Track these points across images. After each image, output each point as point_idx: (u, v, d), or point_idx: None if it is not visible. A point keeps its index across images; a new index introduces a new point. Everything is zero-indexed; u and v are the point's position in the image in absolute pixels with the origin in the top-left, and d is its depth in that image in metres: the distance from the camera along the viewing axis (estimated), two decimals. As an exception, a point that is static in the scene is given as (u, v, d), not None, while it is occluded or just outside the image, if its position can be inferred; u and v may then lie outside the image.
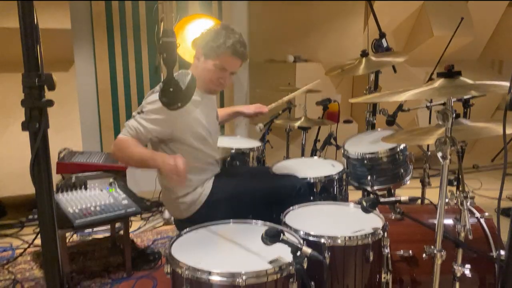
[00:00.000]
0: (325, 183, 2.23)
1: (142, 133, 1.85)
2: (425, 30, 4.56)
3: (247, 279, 1.28)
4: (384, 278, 1.68)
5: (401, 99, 1.48)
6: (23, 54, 1.09)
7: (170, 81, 1.40)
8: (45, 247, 1.20)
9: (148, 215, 3.37)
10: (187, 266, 1.34)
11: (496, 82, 1.43)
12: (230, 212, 1.76)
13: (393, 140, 1.99)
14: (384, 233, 1.64)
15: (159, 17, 3.11)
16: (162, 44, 1.34)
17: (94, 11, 3.65)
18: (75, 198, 2.38)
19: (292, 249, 1.33)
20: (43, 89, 1.12)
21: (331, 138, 3.10)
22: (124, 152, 1.84)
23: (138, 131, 1.85)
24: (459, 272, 1.52)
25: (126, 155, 1.84)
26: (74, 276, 2.44)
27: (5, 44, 2.86)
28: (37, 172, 1.14)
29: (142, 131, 1.85)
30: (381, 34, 2.91)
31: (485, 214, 1.91)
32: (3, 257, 2.70)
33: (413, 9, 4.60)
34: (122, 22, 3.74)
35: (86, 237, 2.97)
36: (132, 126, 1.86)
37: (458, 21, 3.52)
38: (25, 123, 1.12)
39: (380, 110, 2.82)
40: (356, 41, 4.33)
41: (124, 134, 1.86)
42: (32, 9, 1.07)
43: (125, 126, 1.88)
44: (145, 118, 1.86)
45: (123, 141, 1.84)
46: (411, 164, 2.51)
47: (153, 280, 2.41)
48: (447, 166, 1.39)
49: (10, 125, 3.10)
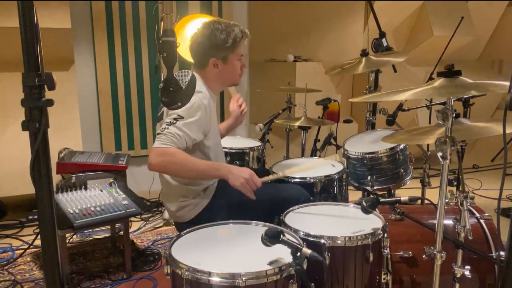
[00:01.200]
0: (325, 183, 2.23)
1: (185, 140, 1.82)
2: (425, 30, 4.57)
3: (247, 280, 1.28)
4: (384, 279, 1.68)
5: (401, 98, 1.48)
6: (23, 54, 1.09)
7: (170, 80, 1.40)
8: (45, 248, 1.20)
9: (148, 216, 3.37)
10: (187, 267, 1.33)
11: (496, 81, 1.43)
12: (231, 218, 1.75)
13: (393, 140, 1.99)
14: (384, 234, 1.64)
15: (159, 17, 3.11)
16: (162, 43, 1.34)
17: (94, 11, 3.65)
18: (75, 198, 2.38)
19: (292, 249, 1.33)
20: (43, 88, 1.12)
21: (331, 138, 3.10)
22: (182, 163, 1.79)
23: (181, 138, 1.80)
24: (459, 273, 1.52)
25: (187, 166, 1.80)
26: (74, 277, 2.43)
27: (5, 44, 2.86)
28: (37, 172, 1.14)
29: (184, 137, 1.81)
30: (381, 33, 2.91)
31: (485, 214, 1.91)
32: (3, 258, 2.69)
33: (413, 9, 4.60)
34: (122, 22, 3.74)
35: (86, 238, 2.97)
36: (177, 134, 1.79)
37: (458, 21, 3.52)
38: (25, 123, 1.11)
39: (380, 110, 2.82)
40: (356, 40, 4.34)
41: (167, 143, 1.78)
42: (32, 9, 1.07)
43: (165, 134, 1.80)
44: (185, 123, 1.81)
45: (175, 151, 1.78)
46: (411, 164, 2.51)
47: (153, 281, 2.41)
48: (447, 166, 1.39)
49: (10, 125, 3.10)
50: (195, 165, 1.83)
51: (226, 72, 2.02)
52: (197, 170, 1.85)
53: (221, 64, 1.99)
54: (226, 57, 1.99)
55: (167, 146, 1.78)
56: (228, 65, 2.00)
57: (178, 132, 1.80)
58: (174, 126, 1.81)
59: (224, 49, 1.96)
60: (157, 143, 1.80)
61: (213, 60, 1.98)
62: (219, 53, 1.97)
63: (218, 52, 1.97)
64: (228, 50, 1.96)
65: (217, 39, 1.94)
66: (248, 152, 2.78)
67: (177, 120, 1.82)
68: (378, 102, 2.93)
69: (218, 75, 2.02)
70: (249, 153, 2.79)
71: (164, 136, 1.79)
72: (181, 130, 1.80)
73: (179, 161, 1.79)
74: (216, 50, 1.96)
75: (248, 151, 2.79)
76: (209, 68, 2.01)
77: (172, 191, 2.03)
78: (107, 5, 3.67)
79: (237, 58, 2.02)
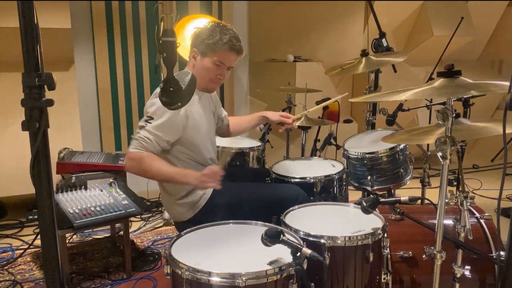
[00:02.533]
0: (325, 183, 2.23)
1: (156, 142, 1.83)
2: (425, 30, 4.57)
3: (247, 280, 1.28)
4: (384, 279, 1.68)
5: (401, 98, 1.48)
6: (23, 54, 1.09)
7: (170, 80, 1.40)
8: (45, 248, 1.20)
9: (148, 216, 3.37)
10: (187, 267, 1.34)
11: (496, 81, 1.43)
12: (229, 217, 1.76)
13: (393, 140, 1.99)
14: (384, 234, 1.64)
15: (159, 17, 3.11)
16: (162, 43, 1.34)
17: (94, 11, 3.64)
18: (75, 198, 2.38)
19: (292, 249, 1.33)
20: (43, 88, 1.12)
21: (331, 138, 3.10)
22: (147, 169, 1.81)
23: (152, 142, 1.82)
24: (459, 272, 1.52)
25: (151, 172, 1.82)
26: (74, 276, 2.43)
27: (5, 44, 2.87)
28: (37, 172, 1.14)
29: (155, 140, 1.82)
30: (381, 33, 2.91)
31: (485, 214, 1.91)
32: (3, 258, 2.69)
33: (413, 9, 4.60)
34: (122, 22, 3.74)
35: (86, 238, 2.97)
36: (146, 137, 1.82)
37: (458, 21, 3.53)
38: (25, 123, 1.11)
39: (380, 110, 2.82)
40: (356, 41, 4.34)
41: (138, 147, 1.81)
42: (32, 9, 1.07)
43: (136, 138, 1.82)
44: (155, 125, 1.83)
45: (142, 157, 1.80)
46: (411, 164, 2.51)
47: (153, 281, 2.41)
48: (447, 166, 1.39)
49: (10, 125, 3.10)
50: (160, 172, 1.84)
51: (199, 69, 1.98)
52: (162, 176, 1.87)
53: (198, 58, 1.99)
54: (205, 54, 1.97)
55: (136, 151, 1.81)
56: (203, 62, 1.98)
57: (149, 135, 1.82)
58: (145, 129, 1.83)
59: (205, 44, 1.95)
60: (129, 147, 1.84)
61: (194, 50, 2.00)
62: (199, 46, 1.97)
63: (199, 45, 1.97)
64: (209, 47, 1.95)
65: (204, 33, 1.97)
66: (248, 152, 2.78)
67: (148, 122, 1.84)
68: (378, 102, 2.93)
69: (194, 68, 2.00)
70: (249, 153, 2.79)
71: (136, 140, 1.83)
72: (151, 133, 1.82)
73: (145, 167, 1.82)
74: (199, 42, 1.97)
75: (248, 151, 2.79)
76: (191, 59, 2.03)
77: (169, 190, 2.03)
78: (107, 5, 3.67)
79: (215, 62, 1.96)
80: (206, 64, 1.97)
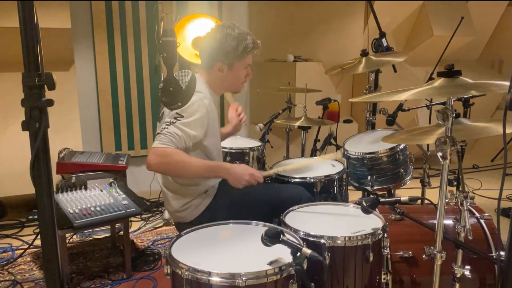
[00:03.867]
0: (325, 183, 2.23)
1: (183, 139, 1.81)
2: (425, 30, 4.57)
3: (247, 280, 1.28)
4: (384, 279, 1.67)
5: (401, 98, 1.48)
6: (23, 54, 1.09)
7: (170, 80, 1.40)
8: (45, 248, 1.19)
9: (148, 216, 3.37)
10: (187, 267, 1.33)
11: (496, 81, 1.43)
12: (232, 218, 1.75)
13: (393, 140, 1.99)
14: (384, 234, 1.64)
15: (159, 17, 3.11)
16: (162, 43, 1.34)
17: (94, 11, 3.64)
18: (75, 198, 2.38)
19: (292, 249, 1.33)
20: (43, 88, 1.12)
21: (331, 138, 3.10)
22: (178, 163, 1.79)
23: (181, 138, 1.80)
24: (459, 273, 1.52)
25: (183, 165, 1.80)
26: (74, 276, 2.43)
27: (5, 44, 2.87)
28: (37, 172, 1.14)
29: (184, 137, 1.80)
30: (381, 33, 2.91)
31: (485, 214, 1.91)
32: (3, 258, 2.69)
33: (413, 9, 4.60)
34: (122, 22, 3.74)
35: (86, 238, 2.97)
36: (175, 133, 1.79)
37: (458, 21, 3.52)
38: (25, 123, 1.11)
39: (380, 110, 2.82)
40: (356, 40, 4.34)
41: (166, 143, 1.78)
42: (32, 9, 1.07)
43: (164, 134, 1.79)
44: (185, 122, 1.81)
45: (171, 152, 1.77)
46: (411, 164, 2.51)
47: (153, 281, 2.41)
48: (447, 166, 1.39)
49: (10, 125, 3.10)
50: (192, 166, 1.83)
51: (230, 79, 2.02)
52: (195, 171, 1.85)
53: (226, 69, 1.99)
54: (233, 64, 1.99)
55: (165, 146, 1.77)
56: (233, 72, 2.01)
57: (178, 131, 1.79)
58: (174, 125, 1.80)
59: (232, 56, 1.96)
60: (156, 142, 1.79)
61: (219, 65, 1.98)
62: (226, 59, 1.97)
63: (225, 58, 1.97)
64: (236, 58, 1.97)
65: (227, 45, 1.94)
66: (248, 152, 2.78)
67: (177, 119, 1.81)
68: (378, 102, 2.93)
69: (222, 79, 2.02)
70: (249, 153, 2.79)
71: (163, 136, 1.79)
72: (181, 129, 1.80)
73: (177, 162, 1.79)
74: (224, 55, 1.96)
75: (248, 151, 2.79)
76: (214, 71, 2.01)
77: (173, 192, 2.03)
78: (107, 5, 3.67)
79: (243, 67, 2.02)
80: (236, 72, 2.01)
